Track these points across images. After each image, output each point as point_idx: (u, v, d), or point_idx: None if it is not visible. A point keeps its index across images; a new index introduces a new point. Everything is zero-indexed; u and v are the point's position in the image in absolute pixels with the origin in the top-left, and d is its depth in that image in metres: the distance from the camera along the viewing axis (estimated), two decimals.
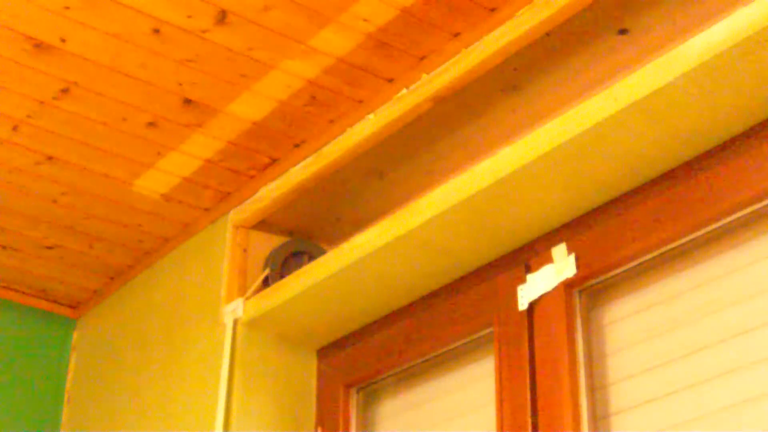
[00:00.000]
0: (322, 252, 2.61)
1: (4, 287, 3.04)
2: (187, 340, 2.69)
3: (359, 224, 2.43)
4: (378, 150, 2.34)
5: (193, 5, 2.03)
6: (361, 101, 2.27)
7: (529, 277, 2.17)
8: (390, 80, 2.20)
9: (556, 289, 2.11)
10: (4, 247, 2.86)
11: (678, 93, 1.81)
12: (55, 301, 3.12)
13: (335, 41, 2.11)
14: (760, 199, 1.84)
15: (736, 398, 1.82)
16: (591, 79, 1.95)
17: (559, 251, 2.13)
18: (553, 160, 1.99)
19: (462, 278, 2.36)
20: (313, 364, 2.68)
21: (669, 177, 2.00)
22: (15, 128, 2.38)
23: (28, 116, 2.35)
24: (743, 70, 1.75)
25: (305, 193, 2.50)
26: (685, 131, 1.91)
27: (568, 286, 2.10)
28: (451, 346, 2.37)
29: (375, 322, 2.51)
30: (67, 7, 2.04)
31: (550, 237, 2.18)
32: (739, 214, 1.88)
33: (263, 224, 2.63)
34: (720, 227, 1.91)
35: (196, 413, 2.53)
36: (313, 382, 2.66)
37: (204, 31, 2.10)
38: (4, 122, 2.37)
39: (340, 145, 2.33)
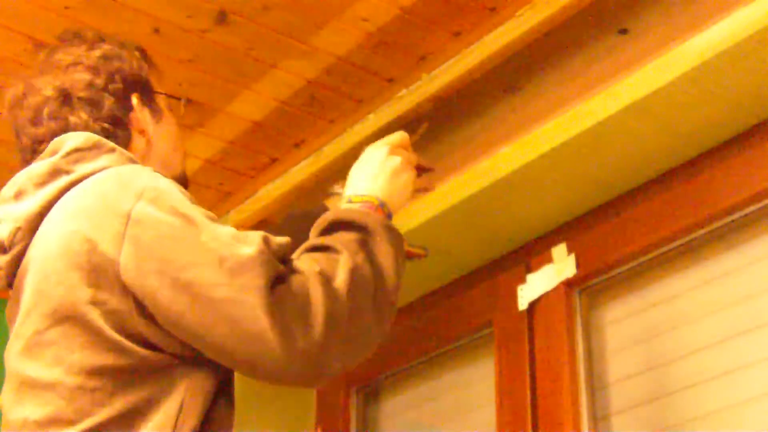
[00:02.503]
0: None
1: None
2: None
3: None
4: None
5: (193, 5, 2.03)
6: (361, 101, 2.27)
7: (529, 277, 2.17)
8: (390, 80, 2.20)
9: (556, 289, 2.11)
10: None
11: (678, 93, 1.81)
12: None
13: (335, 41, 2.11)
14: (760, 199, 1.85)
15: (736, 398, 1.82)
16: (591, 79, 1.95)
17: (559, 251, 2.13)
18: (553, 160, 1.99)
19: (462, 278, 2.36)
20: None
21: (669, 177, 2.00)
22: None
23: None
24: (743, 70, 1.75)
25: (305, 193, 2.50)
26: (685, 131, 1.91)
27: (568, 286, 2.11)
28: (451, 346, 2.37)
29: None
30: (67, 7, 2.04)
31: (550, 237, 2.18)
32: (739, 214, 1.88)
33: (263, 224, 2.63)
34: (720, 227, 1.91)
35: None
36: None
37: (204, 31, 2.10)
38: (4, 122, 2.36)
39: (340, 145, 2.33)
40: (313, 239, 1.47)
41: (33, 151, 1.58)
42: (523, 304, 2.16)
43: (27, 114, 1.60)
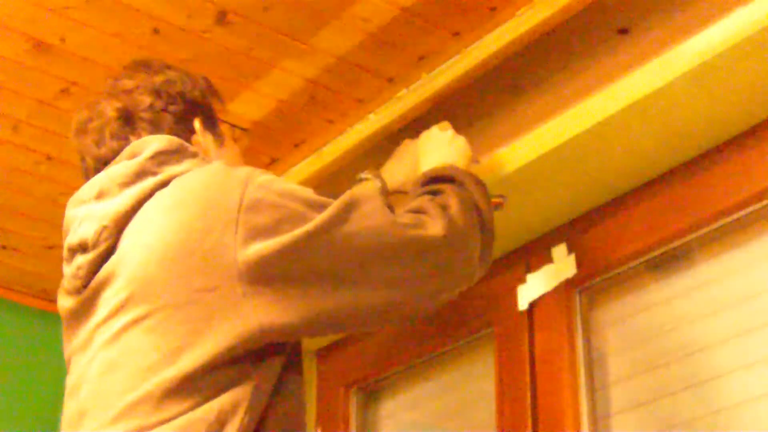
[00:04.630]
0: None
1: (4, 287, 3.04)
2: None
3: None
4: (378, 150, 2.34)
5: (193, 5, 2.03)
6: (361, 101, 2.27)
7: (529, 277, 2.17)
8: (390, 80, 2.20)
9: (556, 289, 2.11)
10: (4, 247, 2.86)
11: (678, 93, 1.81)
12: (54, 301, 3.12)
13: (335, 41, 2.11)
14: (760, 199, 1.85)
15: (736, 398, 1.82)
16: (591, 79, 1.95)
17: (559, 251, 2.13)
18: (553, 160, 1.99)
19: None
20: (312, 364, 2.68)
21: (669, 177, 2.00)
22: (15, 128, 2.38)
23: (28, 116, 2.34)
24: (743, 70, 1.75)
25: None
26: (685, 131, 1.91)
27: (568, 286, 2.11)
28: (451, 346, 2.37)
29: None
30: (67, 7, 2.04)
31: (550, 237, 2.18)
32: (739, 214, 1.88)
33: None
34: (720, 227, 1.91)
35: None
36: (313, 382, 2.66)
37: (204, 31, 2.10)
38: (4, 122, 2.36)
39: (340, 145, 2.33)
40: (417, 191, 1.67)
41: (97, 171, 1.61)
42: (523, 304, 2.16)
43: (91, 136, 1.64)
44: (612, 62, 1.92)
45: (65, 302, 1.57)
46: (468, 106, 2.18)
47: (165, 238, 1.43)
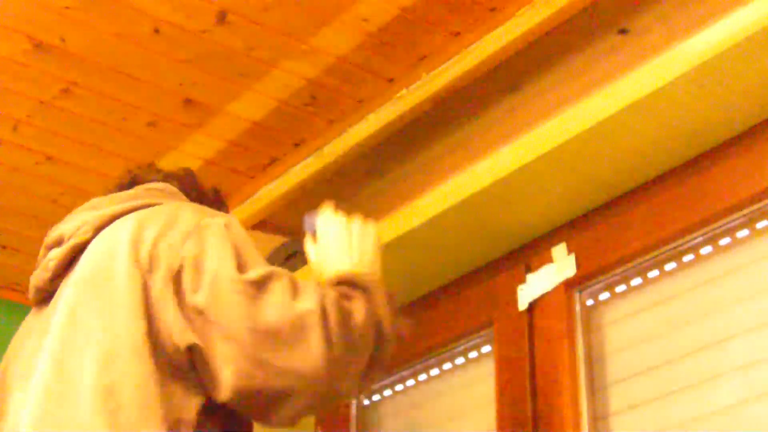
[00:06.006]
0: None
1: (4, 287, 3.04)
2: None
3: None
4: (378, 150, 2.34)
5: (193, 5, 2.03)
6: (361, 101, 2.27)
7: (529, 277, 2.17)
8: (390, 80, 2.20)
9: (556, 289, 2.11)
10: (4, 247, 2.86)
11: (678, 93, 1.81)
12: None
13: (335, 41, 2.11)
14: (759, 199, 1.85)
15: (736, 398, 1.82)
16: (591, 79, 1.95)
17: (559, 251, 2.13)
18: (553, 160, 1.99)
19: (462, 278, 2.36)
20: None
21: (669, 177, 2.00)
22: (15, 128, 2.38)
23: (28, 116, 2.35)
24: (743, 70, 1.75)
25: (305, 193, 2.50)
26: (685, 131, 1.91)
27: (568, 286, 2.11)
28: (451, 346, 2.37)
29: None
30: (67, 7, 2.04)
31: (550, 237, 2.18)
32: (739, 214, 1.88)
33: (263, 224, 2.63)
34: (720, 227, 1.91)
35: None
36: None
37: (204, 31, 2.10)
38: (4, 122, 2.36)
39: (340, 145, 2.33)
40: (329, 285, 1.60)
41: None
42: (523, 304, 2.16)
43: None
44: (612, 62, 1.92)
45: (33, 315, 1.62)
46: (468, 106, 2.18)
47: (128, 237, 1.50)
